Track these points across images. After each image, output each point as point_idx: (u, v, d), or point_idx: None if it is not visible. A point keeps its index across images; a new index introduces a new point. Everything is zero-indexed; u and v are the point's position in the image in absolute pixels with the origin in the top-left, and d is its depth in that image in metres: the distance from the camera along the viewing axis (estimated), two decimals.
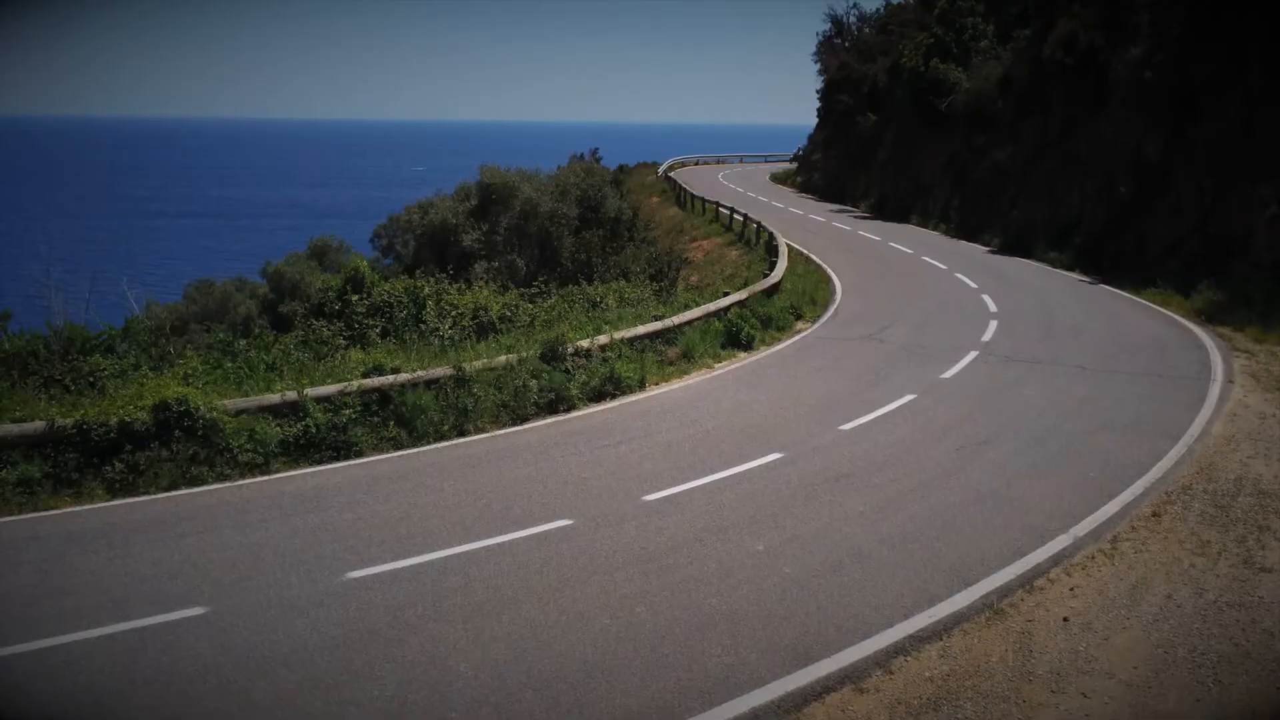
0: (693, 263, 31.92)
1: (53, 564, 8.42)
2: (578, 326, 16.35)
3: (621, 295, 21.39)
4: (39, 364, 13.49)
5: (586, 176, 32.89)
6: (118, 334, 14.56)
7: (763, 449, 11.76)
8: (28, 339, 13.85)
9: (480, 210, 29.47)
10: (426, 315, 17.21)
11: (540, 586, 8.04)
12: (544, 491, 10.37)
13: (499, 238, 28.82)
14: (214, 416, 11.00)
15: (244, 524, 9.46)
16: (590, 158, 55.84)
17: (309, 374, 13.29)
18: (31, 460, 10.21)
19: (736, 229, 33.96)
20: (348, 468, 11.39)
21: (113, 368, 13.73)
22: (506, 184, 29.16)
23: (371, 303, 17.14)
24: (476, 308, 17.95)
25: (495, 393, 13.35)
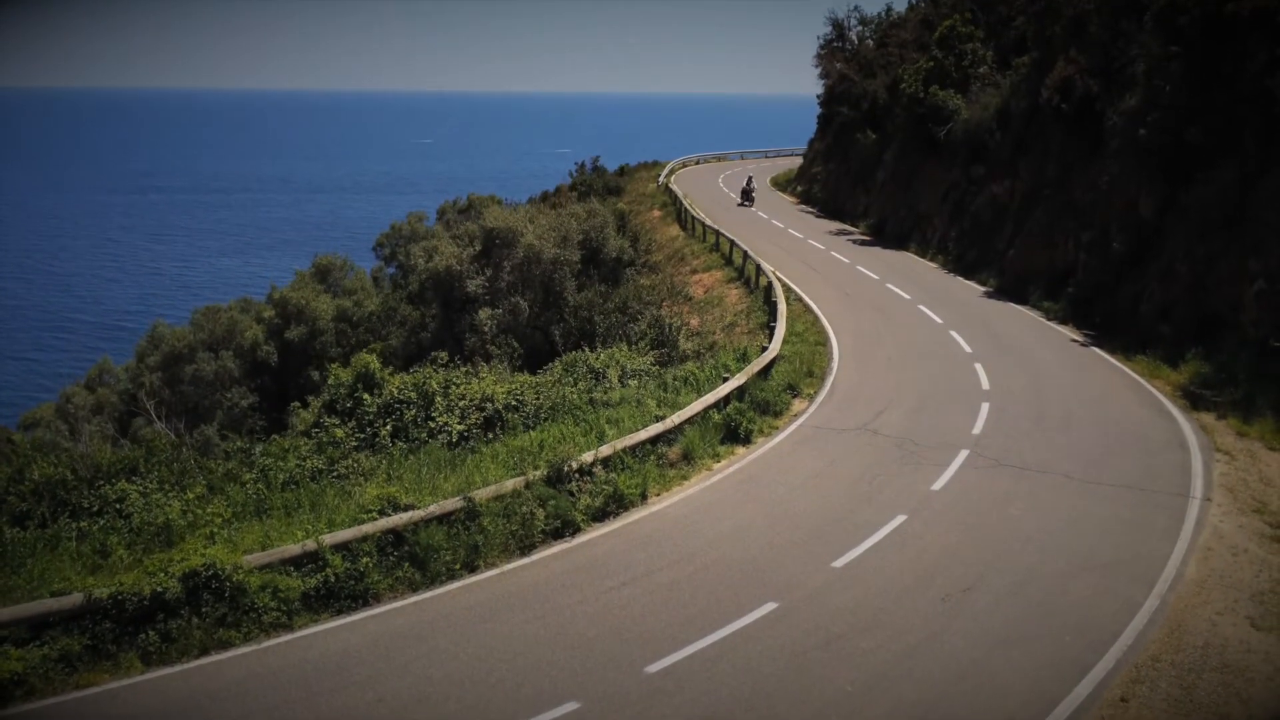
0: (693, 300, 32.42)
1: None
2: (582, 432, 16.92)
3: (623, 367, 21.92)
4: (67, 492, 14.12)
5: (588, 219, 33.26)
6: (140, 455, 15.15)
7: (758, 596, 12.41)
8: (54, 463, 14.44)
9: (484, 255, 29.91)
10: (435, 412, 17.78)
11: None
12: (551, 661, 11.02)
13: (502, 284, 29.30)
14: (240, 579, 11.64)
15: (272, 708, 10.12)
16: (592, 166, 56.06)
17: (324, 506, 13.91)
18: (70, 633, 10.86)
19: (737, 262, 34.39)
20: (365, 621, 12.04)
21: (137, 492, 14.36)
22: (509, 229, 29.56)
23: (383, 402, 17.71)
24: (483, 398, 18.51)
25: (504, 523, 13.99)
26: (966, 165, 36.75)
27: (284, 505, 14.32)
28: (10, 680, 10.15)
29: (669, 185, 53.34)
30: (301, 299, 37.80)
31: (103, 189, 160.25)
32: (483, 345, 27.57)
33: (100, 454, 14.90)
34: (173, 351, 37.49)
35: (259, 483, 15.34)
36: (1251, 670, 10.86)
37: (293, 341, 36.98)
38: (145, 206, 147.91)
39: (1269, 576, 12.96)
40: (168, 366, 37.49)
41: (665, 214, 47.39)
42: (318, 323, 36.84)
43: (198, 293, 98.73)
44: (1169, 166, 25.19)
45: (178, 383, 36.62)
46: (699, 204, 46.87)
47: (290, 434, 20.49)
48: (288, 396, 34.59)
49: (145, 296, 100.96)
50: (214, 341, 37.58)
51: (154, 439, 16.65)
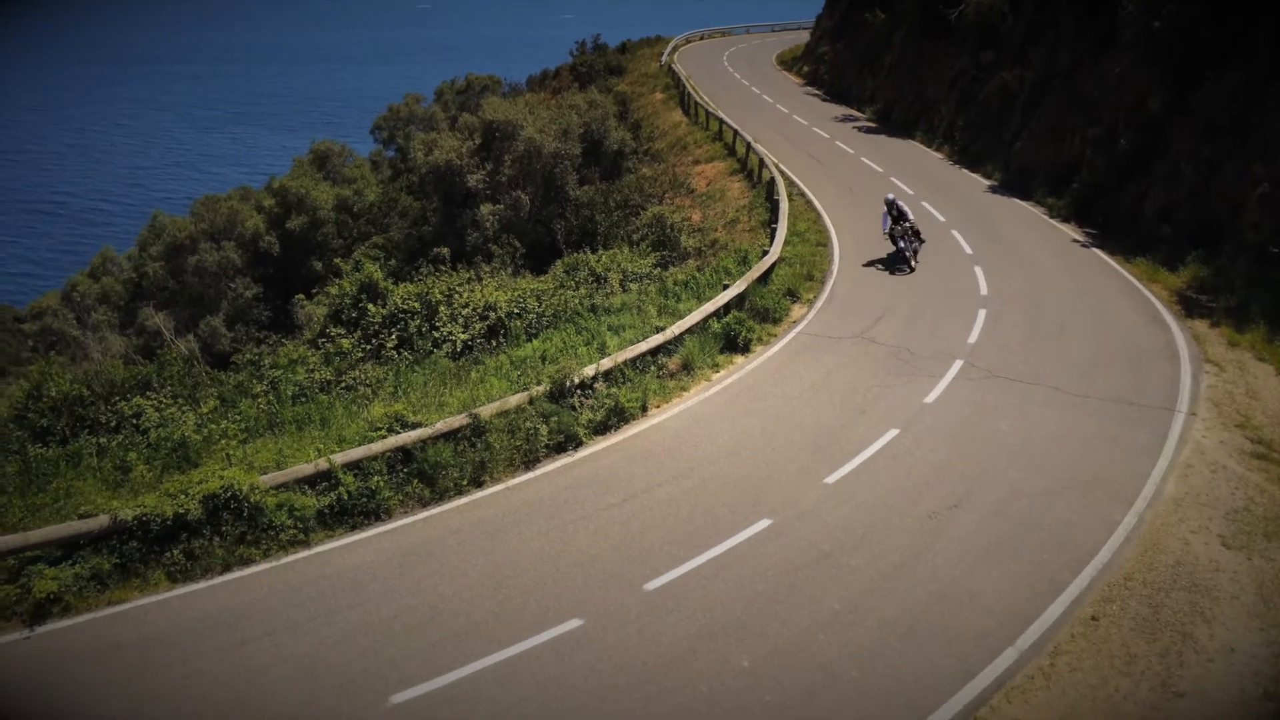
0: (695, 193, 32.19)
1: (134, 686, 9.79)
2: (584, 342, 17.24)
3: (624, 270, 22.09)
4: (84, 408, 14.56)
5: (589, 110, 32.62)
6: (153, 370, 15.52)
7: (753, 512, 12.98)
8: (71, 381, 14.84)
9: (484, 148, 29.56)
10: (439, 321, 18.06)
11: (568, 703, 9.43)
12: (555, 578, 11.65)
13: (503, 178, 29.07)
14: (257, 499, 12.18)
15: (295, 624, 10.80)
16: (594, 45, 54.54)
17: (334, 421, 14.37)
18: (100, 553, 11.46)
19: (740, 153, 33.96)
20: (379, 538, 12.65)
21: (152, 408, 14.81)
22: (509, 122, 29.12)
23: (387, 313, 17.96)
24: (486, 306, 18.77)
25: (509, 438, 14.47)
26: (976, 51, 35.83)
27: (295, 420, 14.80)
28: (47, 598, 10.80)
29: (672, 65, 51.95)
30: (301, 188, 37.52)
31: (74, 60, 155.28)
32: (485, 242, 27.59)
33: (114, 370, 15.28)
34: (174, 242, 37.49)
35: (270, 395, 15.79)
36: (1218, 589, 11.48)
37: (294, 232, 36.92)
38: (125, 80, 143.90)
39: (1244, 494, 13.49)
40: (170, 257, 37.56)
41: (668, 97, 46.37)
42: (318, 213, 36.69)
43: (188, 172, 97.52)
44: (1181, 64, 24.66)
45: (181, 273, 36.76)
46: (702, 86, 45.84)
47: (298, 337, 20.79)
48: (292, 287, 34.84)
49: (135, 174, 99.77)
50: (215, 232, 37.51)
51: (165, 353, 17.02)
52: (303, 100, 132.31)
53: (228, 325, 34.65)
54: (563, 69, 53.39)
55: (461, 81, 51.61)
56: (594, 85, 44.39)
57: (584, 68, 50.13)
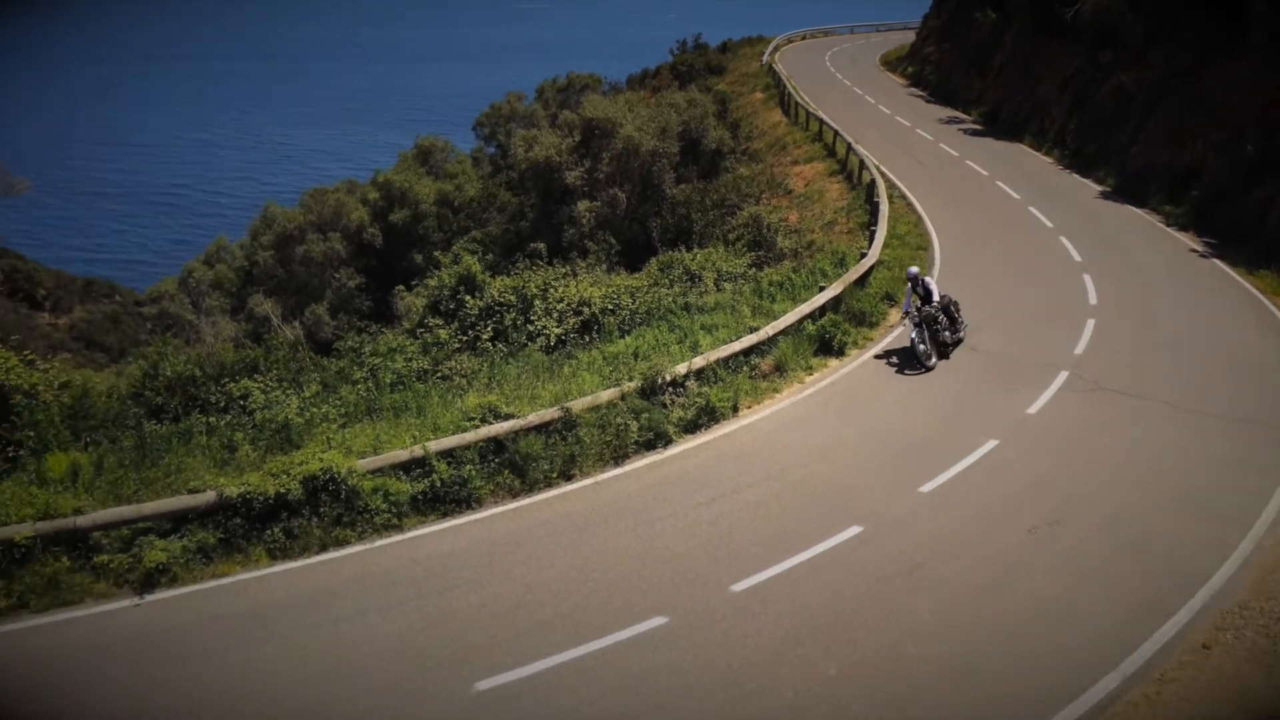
0: (793, 193, 31.83)
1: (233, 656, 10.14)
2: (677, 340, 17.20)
3: (719, 269, 21.96)
4: (196, 388, 15.17)
5: (688, 109, 32.57)
6: (261, 354, 16.08)
7: (843, 518, 12.73)
8: (184, 362, 15.48)
9: (583, 145, 29.79)
10: (534, 315, 18.26)
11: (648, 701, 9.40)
12: (641, 574, 11.63)
13: (601, 175, 29.25)
14: (355, 482, 12.49)
15: (386, 606, 11.03)
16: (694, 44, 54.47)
17: (430, 409, 14.63)
18: (206, 527, 11.92)
19: (840, 154, 33.44)
20: (469, 526, 12.84)
21: (258, 390, 15.33)
22: (609, 120, 29.27)
23: (484, 305, 18.24)
24: (580, 302, 18.89)
25: (599, 433, 14.52)
26: (1093, 50, 34.50)
27: (392, 407, 15.12)
28: (156, 568, 11.27)
29: (773, 65, 51.51)
30: (404, 182, 38.45)
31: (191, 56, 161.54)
32: (581, 239, 27.82)
33: (225, 352, 15.90)
34: (284, 232, 38.88)
35: (369, 382, 16.19)
36: None
37: (396, 224, 37.86)
38: (237, 76, 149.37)
39: None
40: (280, 246, 38.96)
41: (768, 97, 45.99)
42: (420, 206, 37.55)
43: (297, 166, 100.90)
44: None
45: (289, 262, 38.09)
46: (803, 86, 45.31)
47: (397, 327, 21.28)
48: (393, 278, 35.70)
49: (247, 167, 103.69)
50: (322, 223, 38.75)
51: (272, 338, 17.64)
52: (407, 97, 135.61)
53: (331, 314, 35.75)
54: (663, 68, 53.46)
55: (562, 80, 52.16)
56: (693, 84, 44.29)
57: (684, 67, 50.07)
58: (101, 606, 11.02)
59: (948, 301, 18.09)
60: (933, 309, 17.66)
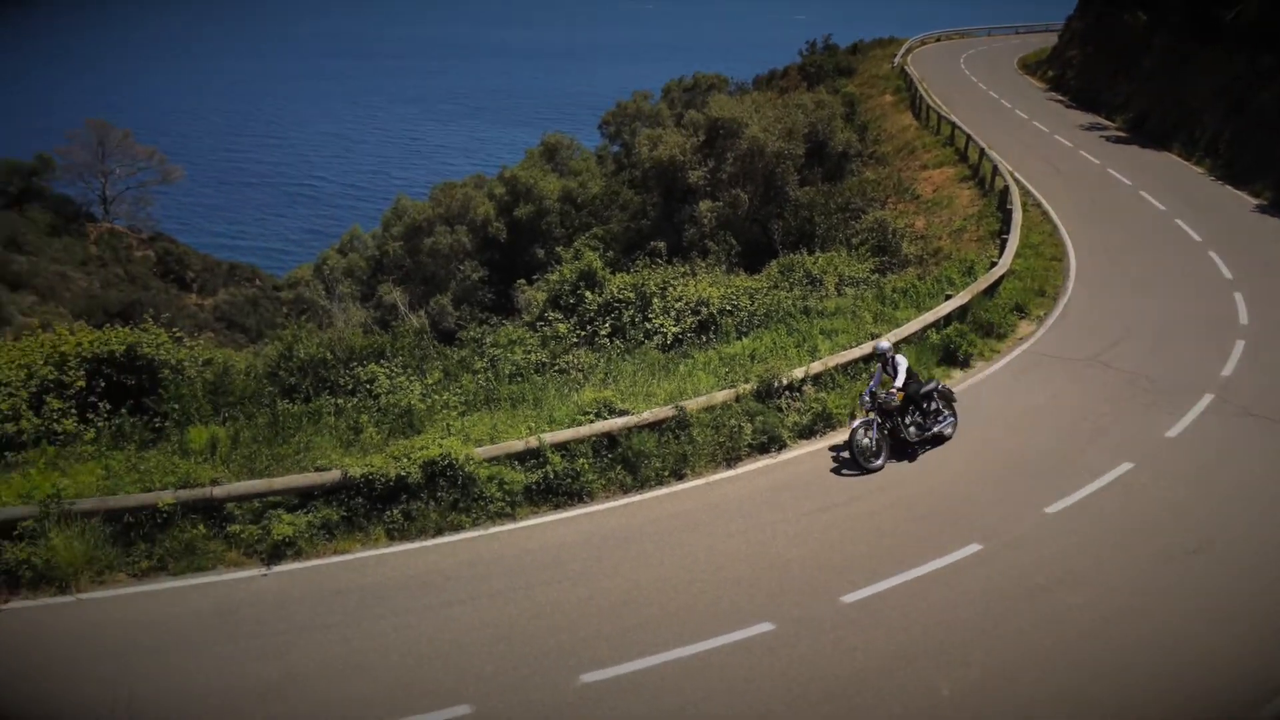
0: (920, 199, 31.02)
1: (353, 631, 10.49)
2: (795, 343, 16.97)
3: (841, 274, 21.58)
4: (326, 370, 15.77)
5: (815, 110, 32.11)
6: (388, 341, 16.62)
7: (962, 535, 12.30)
8: (317, 345, 16.13)
9: (707, 145, 29.73)
10: (652, 313, 18.31)
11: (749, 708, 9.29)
12: (749, 578, 11.50)
13: (724, 175, 29.12)
14: (471, 469, 12.77)
15: (497, 593, 11.23)
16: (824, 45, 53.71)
17: (546, 402, 14.84)
18: (330, 505, 12.38)
19: (972, 159, 32.39)
20: (580, 519, 12.97)
21: (384, 375, 15.84)
22: (734, 120, 29.12)
23: (603, 301, 18.40)
24: (699, 301, 18.85)
25: (712, 434, 14.45)
26: (1252, 54, 32.42)
27: (510, 397, 15.40)
28: (283, 541, 11.77)
29: (904, 67, 50.28)
30: (530, 178, 39.18)
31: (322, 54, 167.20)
32: (701, 238, 27.76)
33: (354, 337, 16.50)
34: (413, 224, 40.15)
35: (489, 372, 16.53)
36: None
37: (521, 219, 38.61)
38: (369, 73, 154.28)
39: None
40: (409, 237, 40.26)
41: (898, 99, 44.93)
42: (544, 202, 38.19)
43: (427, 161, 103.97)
44: None
45: (417, 253, 39.32)
46: (935, 89, 44.07)
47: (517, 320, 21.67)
48: (515, 272, 36.44)
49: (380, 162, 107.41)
50: (450, 216, 39.84)
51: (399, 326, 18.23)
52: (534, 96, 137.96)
53: (454, 304, 36.71)
54: (791, 69, 52.87)
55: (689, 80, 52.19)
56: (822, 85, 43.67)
57: (813, 68, 49.41)
58: (232, 574, 11.57)
59: (931, 390, 14.61)
60: (889, 397, 14.03)
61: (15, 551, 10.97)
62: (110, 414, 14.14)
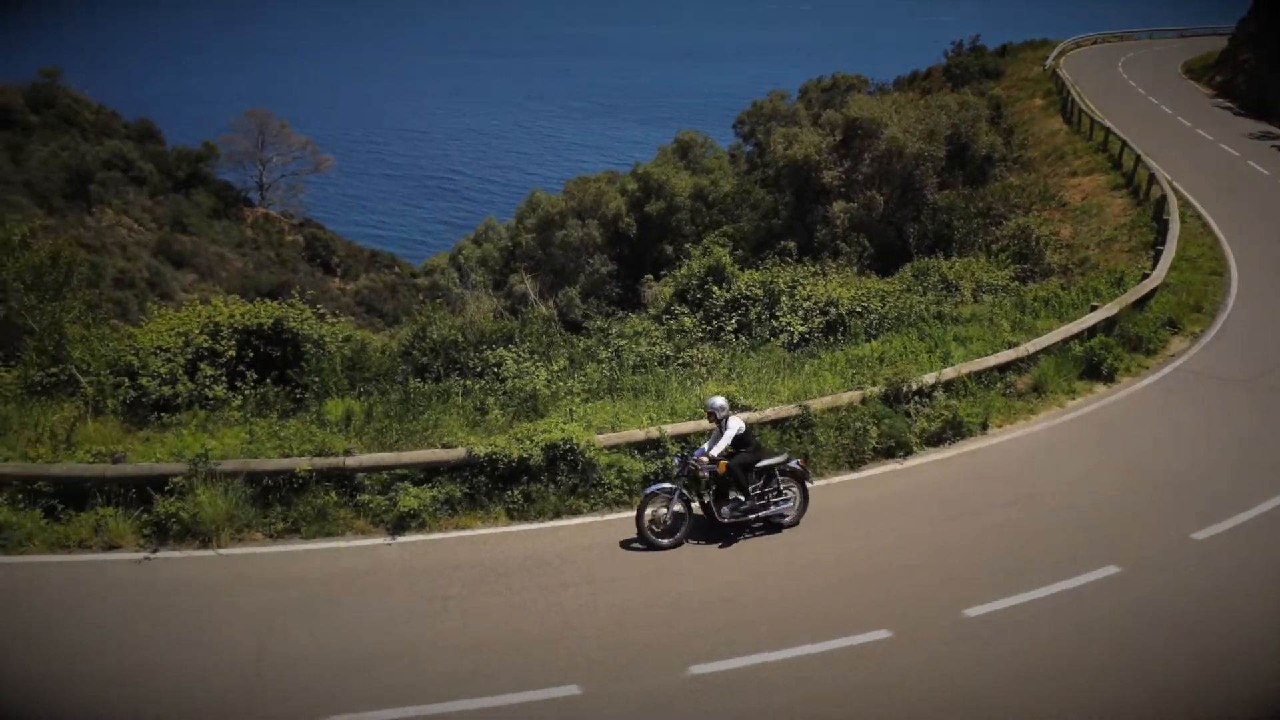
0: (1067, 206, 29.63)
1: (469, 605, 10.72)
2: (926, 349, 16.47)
3: (978, 280, 20.81)
4: (457, 352, 16.21)
5: (959, 111, 31.08)
6: (517, 326, 16.95)
7: (1098, 556, 11.65)
8: (449, 328, 16.58)
9: (843, 145, 29.18)
10: (779, 311, 18.07)
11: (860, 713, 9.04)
12: (868, 583, 11.20)
13: (860, 176, 28.51)
14: (592, 455, 12.88)
15: (610, 579, 11.27)
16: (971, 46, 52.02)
17: (668, 394, 14.84)
18: (454, 481, 12.70)
19: (1126, 166, 30.74)
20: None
21: (512, 359, 16.16)
22: (873, 120, 28.47)
23: (730, 297, 18.28)
24: (828, 302, 18.50)
25: (836, 435, 14.15)
26: None
27: (633, 388, 15.47)
28: (408, 513, 12.15)
29: (1056, 69, 48.14)
30: (662, 175, 39.34)
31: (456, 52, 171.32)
32: (833, 239, 27.26)
33: (485, 321, 16.90)
34: (546, 216, 40.89)
35: (613, 362, 16.65)
36: None
37: (651, 215, 38.81)
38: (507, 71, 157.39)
39: None
40: (541, 229, 41.03)
41: (1048, 103, 43.07)
42: (675, 199, 38.28)
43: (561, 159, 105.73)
44: None
45: (548, 245, 40.03)
46: (1089, 93, 42.05)
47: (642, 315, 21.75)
48: (642, 268, 36.59)
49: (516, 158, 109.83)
50: (582, 210, 40.40)
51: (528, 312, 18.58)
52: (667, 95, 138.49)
53: (582, 297, 37.21)
54: (934, 70, 51.32)
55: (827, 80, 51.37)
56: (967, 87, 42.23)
57: (958, 69, 47.84)
58: (359, 541, 12.01)
59: (774, 465, 12.23)
60: (696, 463, 11.90)
61: (165, 505, 11.67)
62: (256, 383, 14.90)
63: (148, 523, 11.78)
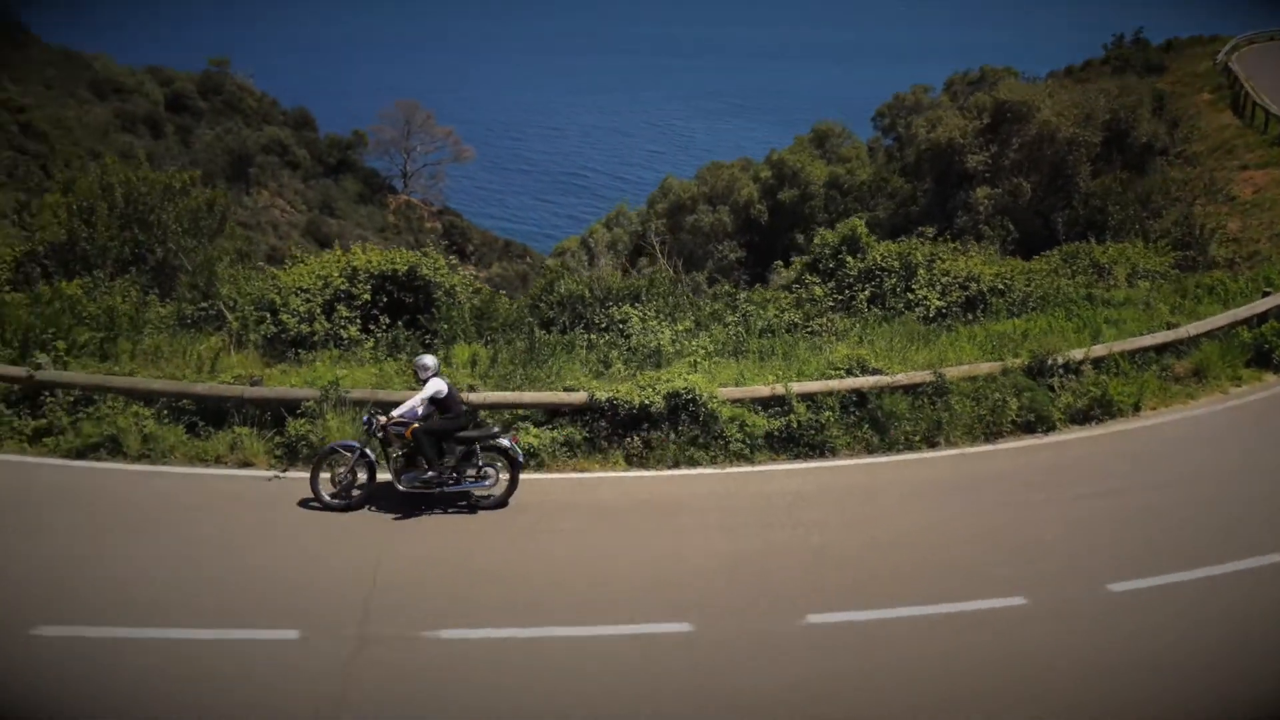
0: (1235, 200, 27.60)
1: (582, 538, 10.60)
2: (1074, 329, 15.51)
3: (1134, 265, 19.51)
4: (584, 307, 16.17)
5: (1119, 96, 29.35)
6: (644, 284, 16.82)
7: (1261, 544, 10.63)
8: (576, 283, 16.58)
9: (990, 129, 27.97)
10: (915, 284, 17.35)
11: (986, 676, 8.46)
12: (1004, 549, 10.54)
13: (1006, 162, 27.26)
14: (714, 406, 12.60)
15: (728, 527, 10.97)
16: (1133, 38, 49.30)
17: (796, 357, 14.41)
18: (574, 425, 12.63)
19: None
20: (821, 471, 12.47)
21: (637, 317, 16.01)
22: (1024, 103, 27.18)
23: (864, 266, 17.67)
24: (968, 277, 17.67)
25: (972, 405, 13.44)
26: None
27: (759, 350, 15.09)
28: (528, 451, 12.13)
29: (1228, 64, 45.03)
30: (797, 162, 38.70)
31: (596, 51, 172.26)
32: (974, 226, 26.14)
33: (612, 279, 16.82)
34: (678, 201, 40.81)
35: (739, 325, 16.30)
36: None
37: (783, 203, 38.22)
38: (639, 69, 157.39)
39: None
40: (672, 214, 40.97)
41: (1217, 98, 40.28)
42: (809, 187, 37.59)
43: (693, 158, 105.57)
44: None
45: (679, 230, 39.91)
46: (1265, 86, 39.13)
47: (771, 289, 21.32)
48: (772, 255, 36.07)
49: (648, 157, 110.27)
50: (714, 195, 40.13)
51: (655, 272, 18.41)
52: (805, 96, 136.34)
53: (708, 282, 36.90)
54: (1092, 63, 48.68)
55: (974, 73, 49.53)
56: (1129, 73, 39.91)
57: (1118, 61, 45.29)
58: None
59: (476, 438, 11.16)
60: (371, 422, 11.13)
61: (296, 426, 12.01)
62: (388, 326, 15.22)
63: (279, 444, 12.14)
